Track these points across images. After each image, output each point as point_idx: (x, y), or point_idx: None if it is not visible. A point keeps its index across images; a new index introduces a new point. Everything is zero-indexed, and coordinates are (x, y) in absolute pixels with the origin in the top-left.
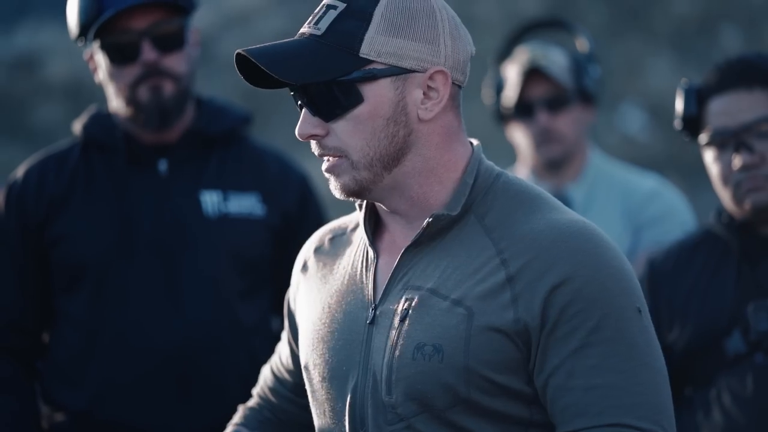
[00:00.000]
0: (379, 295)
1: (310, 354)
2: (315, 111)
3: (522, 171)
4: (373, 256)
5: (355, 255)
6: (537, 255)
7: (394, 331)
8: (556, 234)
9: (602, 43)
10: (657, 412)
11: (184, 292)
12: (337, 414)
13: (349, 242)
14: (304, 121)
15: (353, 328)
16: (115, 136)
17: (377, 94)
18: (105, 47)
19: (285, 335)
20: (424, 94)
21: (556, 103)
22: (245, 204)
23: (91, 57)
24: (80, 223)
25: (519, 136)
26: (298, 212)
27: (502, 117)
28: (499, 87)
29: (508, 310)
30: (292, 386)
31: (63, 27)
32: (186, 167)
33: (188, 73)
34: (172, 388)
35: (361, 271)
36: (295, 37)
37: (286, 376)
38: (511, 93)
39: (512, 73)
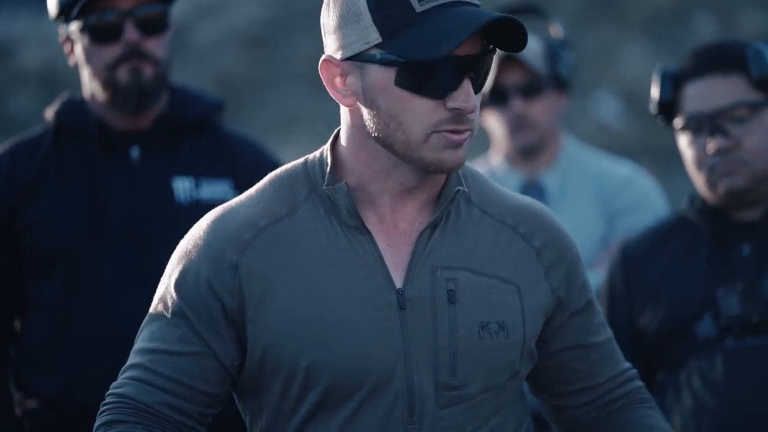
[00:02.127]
0: (399, 279)
1: (318, 352)
2: (478, 84)
3: (496, 158)
4: (368, 240)
5: (325, 241)
6: (546, 227)
7: (444, 314)
8: (540, 208)
9: (576, 31)
10: None
11: (156, 279)
12: (374, 407)
13: (295, 229)
14: (472, 94)
15: (378, 315)
16: (88, 122)
17: None
18: (87, 26)
19: (196, 347)
20: None
21: (531, 89)
22: (217, 190)
23: (67, 39)
24: (52, 209)
25: (493, 122)
26: None
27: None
28: None
29: (544, 282)
30: (206, 401)
31: (37, 15)
32: (158, 154)
33: (167, 58)
34: None
35: (360, 256)
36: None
37: (202, 390)
38: None
39: None
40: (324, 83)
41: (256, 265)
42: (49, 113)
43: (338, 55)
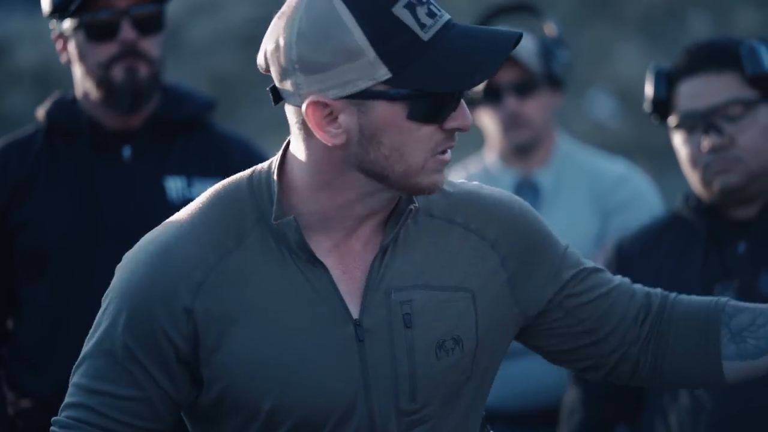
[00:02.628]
0: (355, 309)
1: (280, 396)
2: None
3: (490, 156)
4: (322, 270)
5: (278, 274)
6: (495, 214)
7: (401, 340)
8: (484, 193)
9: (571, 29)
10: None
11: None
12: None
13: (246, 263)
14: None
15: (338, 350)
16: (79, 122)
17: None
18: (83, 23)
19: (149, 392)
20: None
21: (525, 87)
22: None
23: (60, 36)
24: (43, 209)
25: (487, 121)
26: None
27: (471, 102)
28: None
29: (500, 273)
30: None
31: (31, 14)
32: (150, 153)
33: (160, 58)
34: None
35: (314, 288)
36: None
37: (155, 429)
38: None
39: None
40: (311, 126)
41: (209, 308)
42: (41, 112)
43: (330, 95)
